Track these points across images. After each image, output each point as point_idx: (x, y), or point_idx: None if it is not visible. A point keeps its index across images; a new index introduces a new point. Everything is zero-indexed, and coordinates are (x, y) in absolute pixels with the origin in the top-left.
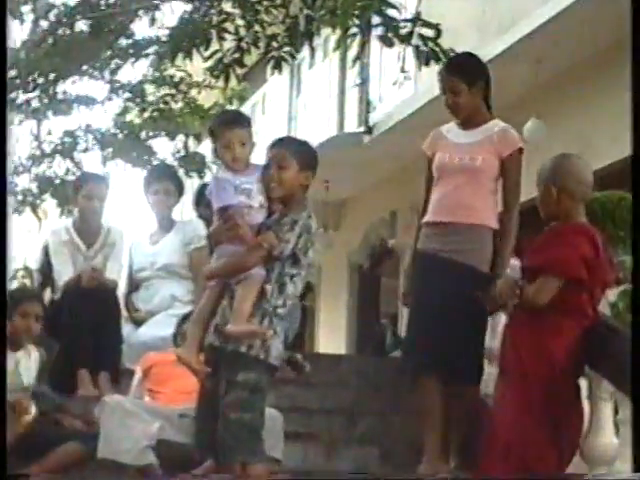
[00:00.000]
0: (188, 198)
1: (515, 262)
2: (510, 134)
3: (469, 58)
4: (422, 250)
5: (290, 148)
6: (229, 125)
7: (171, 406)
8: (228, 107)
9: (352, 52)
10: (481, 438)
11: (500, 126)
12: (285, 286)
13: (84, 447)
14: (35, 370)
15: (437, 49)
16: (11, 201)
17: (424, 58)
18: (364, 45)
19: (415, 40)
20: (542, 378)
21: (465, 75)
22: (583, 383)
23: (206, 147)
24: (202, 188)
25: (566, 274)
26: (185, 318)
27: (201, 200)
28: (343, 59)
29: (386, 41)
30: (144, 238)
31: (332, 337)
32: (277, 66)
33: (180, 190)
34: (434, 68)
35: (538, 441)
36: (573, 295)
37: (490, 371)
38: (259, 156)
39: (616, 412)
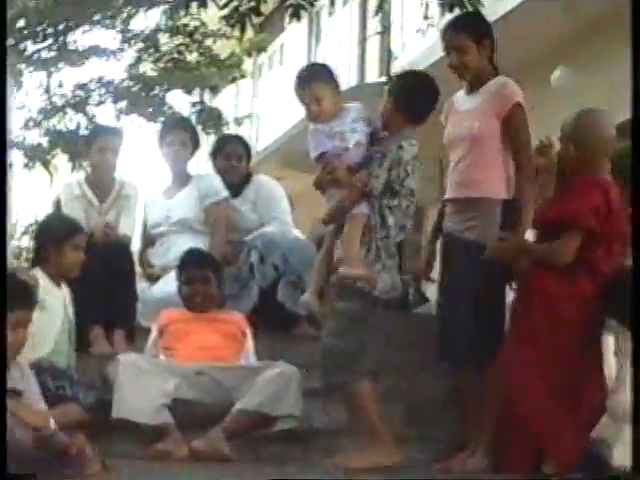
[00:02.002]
0: (203, 153)
1: None
2: (506, 89)
3: (476, 16)
4: (443, 230)
5: (466, 33)
6: (298, 85)
7: (188, 364)
8: (245, 58)
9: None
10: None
11: (499, 83)
12: (386, 218)
13: (84, 410)
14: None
15: None
16: (21, 156)
17: (448, 4)
18: None
19: None
20: (555, 342)
21: (472, 32)
22: (610, 339)
23: (222, 100)
24: (221, 140)
25: (577, 225)
26: None
27: (218, 151)
28: (363, 6)
29: None
30: (159, 193)
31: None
32: (295, 14)
33: (196, 142)
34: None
35: (550, 411)
36: (586, 250)
37: None
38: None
39: None
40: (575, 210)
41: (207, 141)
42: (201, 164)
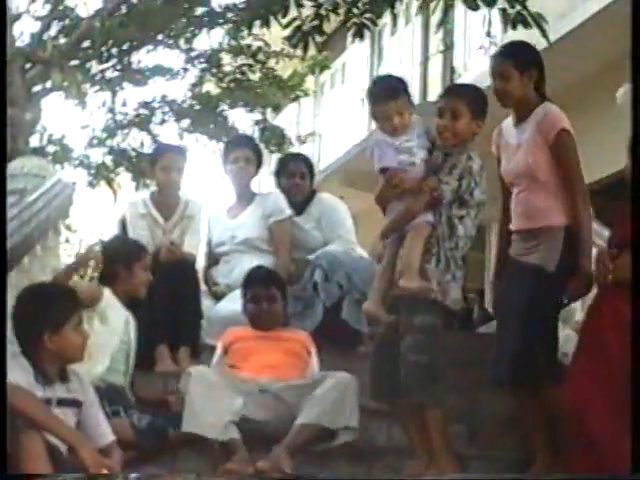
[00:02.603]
0: (266, 172)
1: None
2: (549, 117)
3: (524, 44)
4: (510, 256)
5: (464, 97)
6: (385, 98)
7: (252, 380)
8: (307, 77)
9: (435, 17)
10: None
11: (543, 111)
12: (455, 228)
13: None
14: (134, 340)
15: (525, 12)
16: (85, 174)
17: (511, 22)
18: (448, 9)
19: (501, 3)
20: (625, 360)
21: (518, 61)
22: None
23: (284, 119)
24: (284, 158)
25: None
26: None
27: (282, 170)
28: (426, 25)
29: (471, 4)
30: (223, 211)
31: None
32: (358, 33)
33: (260, 160)
34: (521, 33)
35: (618, 433)
36: None
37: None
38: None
39: None
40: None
41: (270, 159)
42: (264, 183)
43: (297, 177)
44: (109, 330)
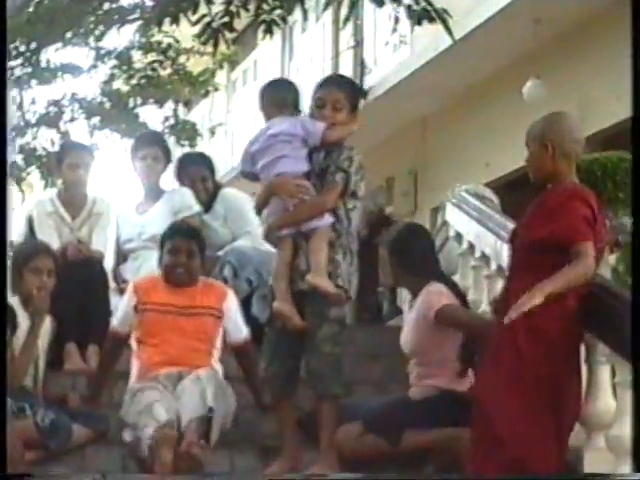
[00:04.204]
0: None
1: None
2: (428, 298)
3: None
4: None
5: (344, 90)
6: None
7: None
8: (218, 72)
9: (345, 13)
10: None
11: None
12: (351, 221)
13: (90, 430)
14: (46, 342)
15: (430, 8)
16: None
17: (416, 18)
18: (354, 4)
19: None
20: (537, 359)
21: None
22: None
23: (197, 115)
24: (183, 159)
25: (582, 238)
26: None
27: (182, 172)
28: (336, 21)
29: (376, 0)
30: (131, 208)
31: (353, 277)
32: (268, 30)
33: (168, 157)
34: (431, 29)
35: (534, 433)
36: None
37: None
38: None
39: (613, 375)
40: (571, 226)
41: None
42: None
43: (198, 181)
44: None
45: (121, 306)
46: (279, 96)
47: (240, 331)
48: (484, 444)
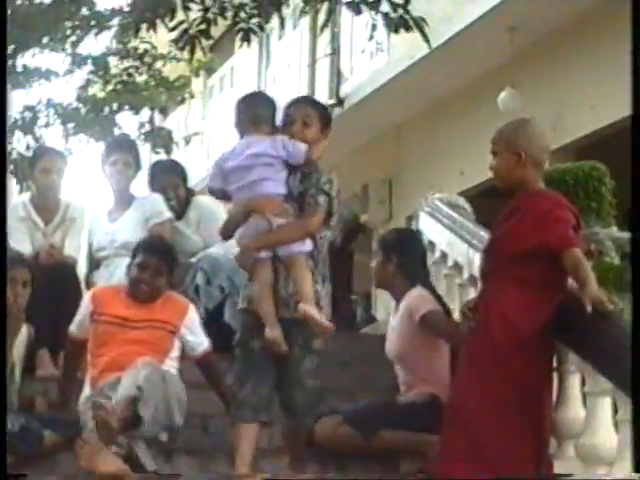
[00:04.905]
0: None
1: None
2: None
3: (393, 232)
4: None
5: (315, 107)
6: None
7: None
8: (194, 79)
9: (322, 20)
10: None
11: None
12: (323, 248)
13: (58, 435)
14: (22, 349)
15: (407, 16)
16: None
17: (393, 26)
18: (331, 12)
19: (384, 7)
20: (510, 362)
21: (381, 245)
22: None
23: (173, 122)
24: (155, 166)
25: (572, 245)
26: None
27: (154, 181)
28: (313, 29)
29: (353, 8)
30: (103, 216)
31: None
32: (246, 38)
33: (138, 163)
34: (407, 38)
35: (510, 439)
36: (556, 269)
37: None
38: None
39: (583, 384)
40: (562, 234)
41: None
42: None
43: (169, 190)
44: None
45: (79, 312)
46: (256, 112)
47: (200, 344)
48: (456, 445)
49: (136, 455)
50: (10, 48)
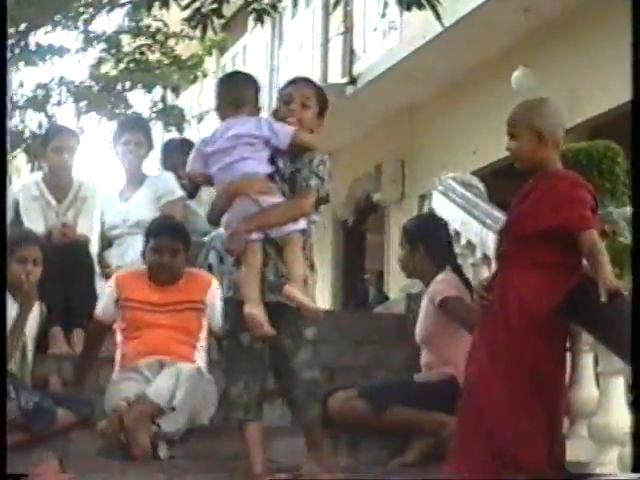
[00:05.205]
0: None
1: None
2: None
3: (416, 220)
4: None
5: (314, 89)
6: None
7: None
8: (207, 58)
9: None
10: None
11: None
12: (310, 234)
13: (72, 414)
14: (35, 327)
15: None
16: None
17: (406, 3)
18: None
19: None
20: (528, 344)
21: (405, 235)
22: None
23: (185, 100)
24: (167, 144)
25: (589, 226)
26: None
27: (166, 158)
28: (326, 7)
29: None
30: (114, 194)
31: (316, 293)
32: (259, 19)
33: (150, 143)
34: (420, 16)
35: (525, 425)
36: (572, 250)
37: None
38: None
39: (596, 364)
40: (581, 214)
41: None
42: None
43: (182, 169)
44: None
45: (104, 297)
46: (237, 94)
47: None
48: (470, 432)
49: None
50: (23, 26)
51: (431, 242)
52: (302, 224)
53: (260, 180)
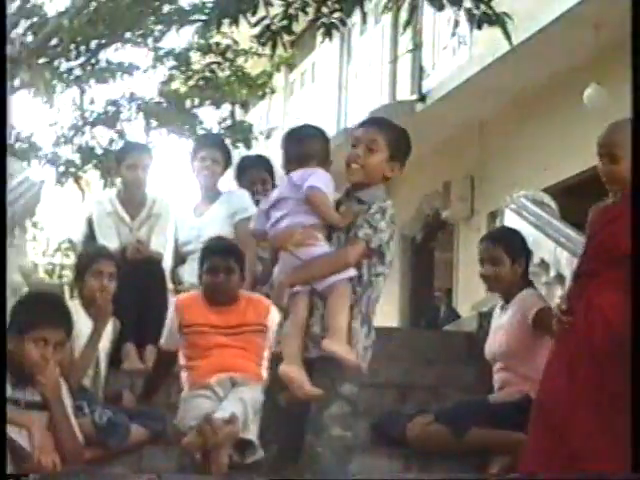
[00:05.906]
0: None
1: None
2: (532, 298)
3: (513, 232)
4: None
5: (384, 132)
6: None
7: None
8: (275, 74)
9: (405, 17)
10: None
11: (527, 293)
12: (374, 289)
13: (147, 429)
14: (108, 343)
15: (490, 12)
16: (53, 172)
17: (477, 22)
18: (414, 8)
19: (467, 3)
20: (615, 369)
21: (508, 247)
22: None
23: (254, 117)
24: (243, 161)
25: None
26: None
27: (242, 175)
28: (395, 25)
29: (436, 4)
30: (189, 211)
31: (385, 311)
32: (327, 33)
33: (227, 161)
34: (490, 33)
35: (611, 448)
36: None
37: None
38: None
39: None
40: None
41: (239, 155)
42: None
43: (258, 184)
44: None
45: (167, 324)
46: (301, 149)
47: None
48: (554, 456)
49: None
50: (94, 43)
51: (528, 256)
52: (350, 272)
53: (300, 232)
